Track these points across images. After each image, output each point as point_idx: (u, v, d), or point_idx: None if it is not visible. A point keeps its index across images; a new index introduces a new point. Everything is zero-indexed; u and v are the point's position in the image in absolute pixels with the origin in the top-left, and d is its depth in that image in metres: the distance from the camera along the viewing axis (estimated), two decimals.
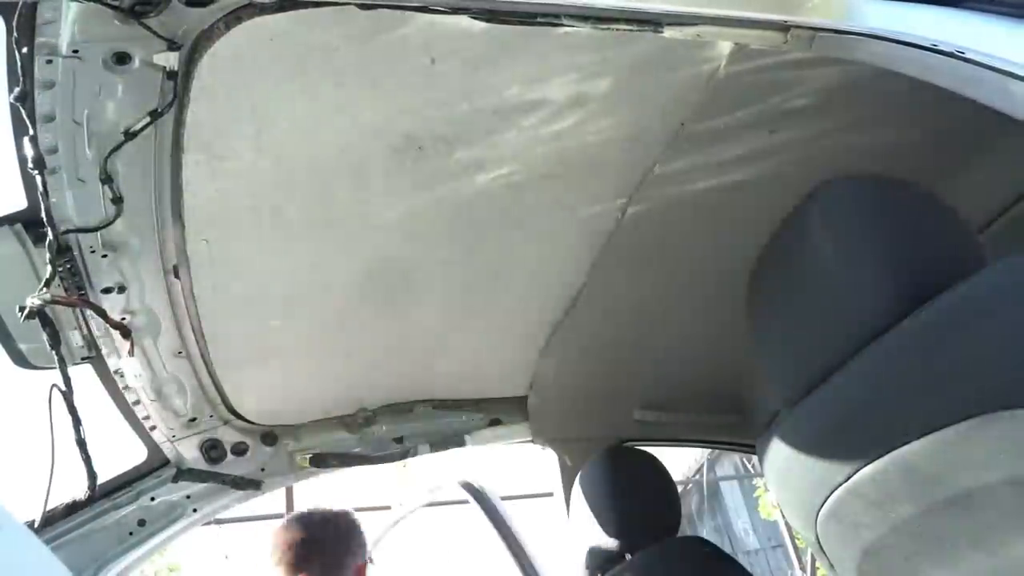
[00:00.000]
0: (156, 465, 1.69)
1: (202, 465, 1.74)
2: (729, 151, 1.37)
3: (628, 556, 1.72)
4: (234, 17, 0.94)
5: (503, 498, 1.93)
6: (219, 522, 5.20)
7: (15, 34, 0.89)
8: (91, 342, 1.32)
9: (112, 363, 1.38)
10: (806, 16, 0.94)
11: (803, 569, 7.35)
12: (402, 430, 1.97)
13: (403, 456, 1.97)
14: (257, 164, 1.18)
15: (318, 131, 1.16)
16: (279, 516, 4.78)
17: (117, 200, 1.11)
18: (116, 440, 1.62)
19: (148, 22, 0.89)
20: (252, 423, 1.77)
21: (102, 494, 1.32)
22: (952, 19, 0.82)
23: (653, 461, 1.89)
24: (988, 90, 0.74)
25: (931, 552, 0.83)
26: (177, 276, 1.31)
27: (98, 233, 1.15)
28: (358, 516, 1.62)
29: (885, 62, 0.85)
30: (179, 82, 1.00)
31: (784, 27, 0.95)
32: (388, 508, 2.35)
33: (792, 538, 7.71)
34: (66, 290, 1.19)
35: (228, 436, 1.75)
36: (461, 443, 2.03)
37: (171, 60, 0.96)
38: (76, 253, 1.18)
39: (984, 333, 0.72)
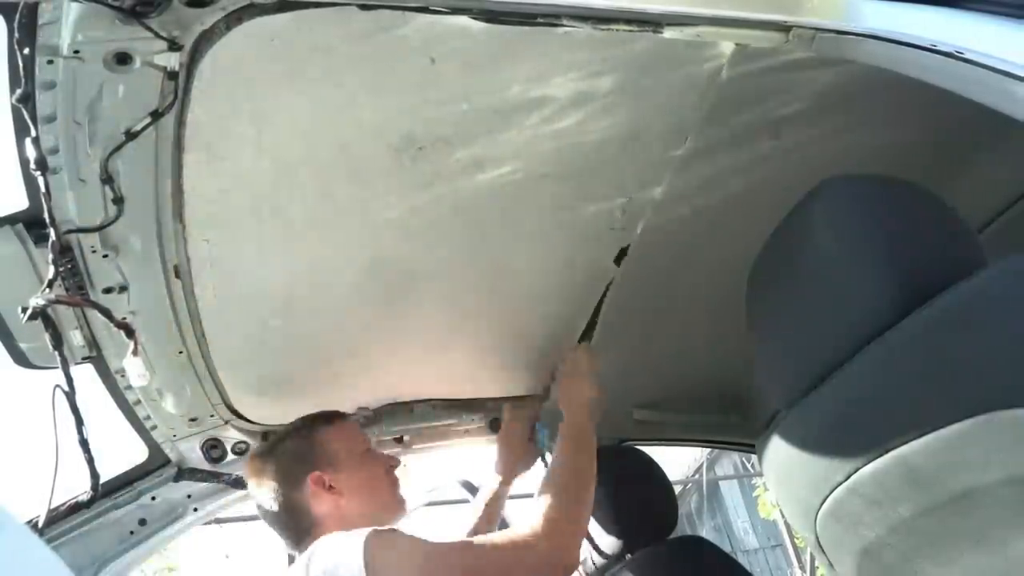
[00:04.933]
0: (157, 464, 1.69)
1: (203, 465, 1.74)
2: (730, 151, 1.37)
3: (628, 556, 1.72)
4: (235, 17, 0.94)
5: None
6: (219, 522, 5.20)
7: (16, 35, 0.90)
8: (92, 342, 1.33)
9: (113, 363, 1.38)
10: (807, 16, 0.94)
11: (802, 568, 7.35)
12: (402, 430, 1.98)
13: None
14: (258, 164, 1.18)
15: (319, 131, 1.16)
16: None
17: (118, 200, 1.11)
18: (117, 440, 1.62)
19: (149, 22, 0.89)
20: (253, 423, 1.77)
21: (103, 493, 1.33)
22: (952, 19, 0.82)
23: (648, 460, 1.90)
24: (988, 90, 0.74)
25: (931, 551, 0.83)
26: (178, 276, 1.31)
27: (99, 233, 1.15)
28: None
29: (885, 62, 0.86)
30: (180, 82, 1.00)
31: (785, 27, 0.95)
32: None
33: (791, 537, 7.71)
34: (67, 290, 1.19)
35: (229, 436, 1.75)
36: (461, 443, 2.04)
37: (172, 60, 0.96)
38: (77, 253, 1.18)
39: (985, 332, 0.72)
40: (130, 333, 1.20)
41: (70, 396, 1.13)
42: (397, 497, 1.48)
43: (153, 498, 1.68)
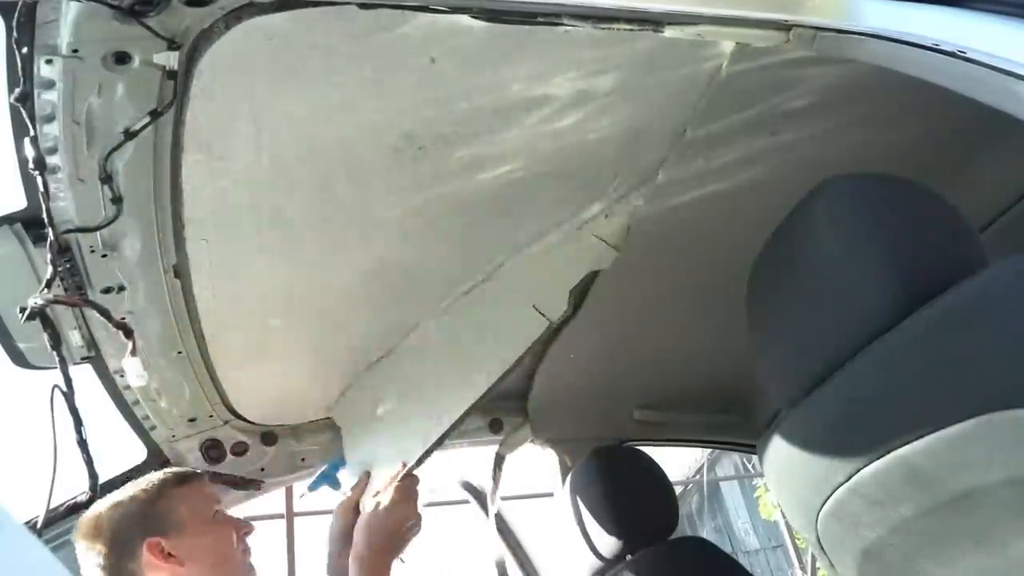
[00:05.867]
0: (156, 465, 1.69)
1: (202, 465, 1.74)
2: (730, 150, 1.37)
3: (628, 556, 1.72)
4: (234, 17, 0.93)
5: (503, 498, 1.94)
6: None
7: (15, 34, 0.89)
8: (91, 342, 1.32)
9: (112, 363, 1.38)
10: (808, 15, 0.94)
11: (803, 569, 7.36)
12: None
13: None
14: (257, 164, 1.18)
15: (318, 130, 1.16)
16: (279, 516, 4.79)
17: (117, 200, 1.10)
18: (117, 440, 1.62)
19: (148, 22, 0.89)
20: (252, 423, 1.77)
21: (102, 494, 1.32)
22: (954, 19, 0.82)
23: (648, 460, 1.90)
24: (989, 90, 0.74)
25: (932, 552, 0.83)
26: (177, 276, 1.31)
27: (98, 233, 1.15)
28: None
29: (886, 62, 0.85)
30: (179, 82, 0.99)
31: (786, 27, 0.95)
32: None
33: (792, 538, 7.72)
34: (66, 290, 1.19)
35: (228, 436, 1.75)
36: (461, 443, 2.04)
37: (171, 60, 0.95)
38: (76, 253, 1.18)
39: (986, 332, 0.72)
40: (128, 333, 1.20)
41: (69, 396, 1.13)
42: (245, 566, 1.35)
43: None
